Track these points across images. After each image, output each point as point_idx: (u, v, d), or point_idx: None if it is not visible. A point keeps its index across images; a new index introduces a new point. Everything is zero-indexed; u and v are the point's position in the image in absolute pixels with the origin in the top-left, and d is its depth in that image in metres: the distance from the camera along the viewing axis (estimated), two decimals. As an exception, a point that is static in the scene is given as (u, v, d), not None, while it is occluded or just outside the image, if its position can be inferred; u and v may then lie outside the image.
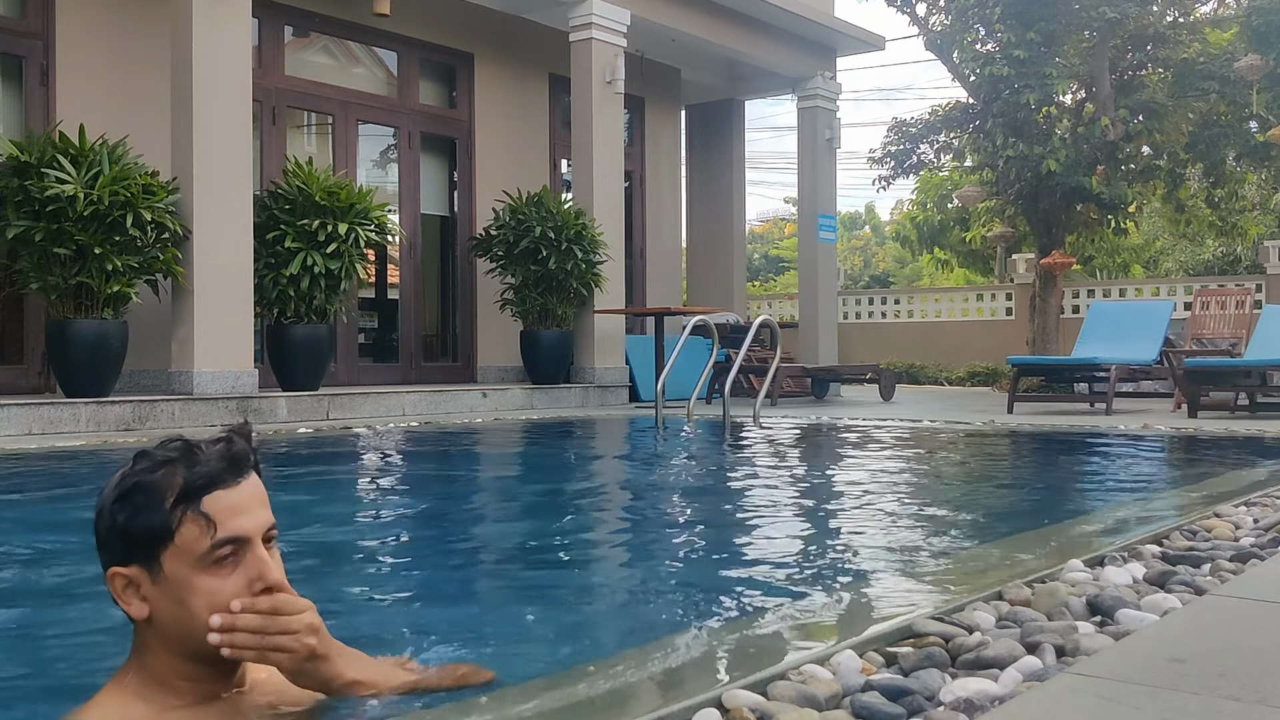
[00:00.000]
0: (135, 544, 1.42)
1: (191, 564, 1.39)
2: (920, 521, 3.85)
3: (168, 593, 1.41)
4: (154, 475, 1.42)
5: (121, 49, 8.57)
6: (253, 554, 1.41)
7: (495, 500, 4.75)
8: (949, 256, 24.12)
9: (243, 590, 1.39)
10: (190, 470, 1.41)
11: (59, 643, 2.20)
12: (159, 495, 1.41)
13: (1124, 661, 1.60)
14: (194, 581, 1.39)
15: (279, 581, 1.41)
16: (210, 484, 1.41)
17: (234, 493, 1.42)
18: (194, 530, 1.39)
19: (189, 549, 1.39)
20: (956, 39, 13.83)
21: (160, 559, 1.40)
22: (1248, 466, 5.08)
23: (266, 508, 1.45)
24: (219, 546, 1.39)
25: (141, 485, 1.42)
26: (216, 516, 1.39)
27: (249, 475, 1.46)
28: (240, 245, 7.74)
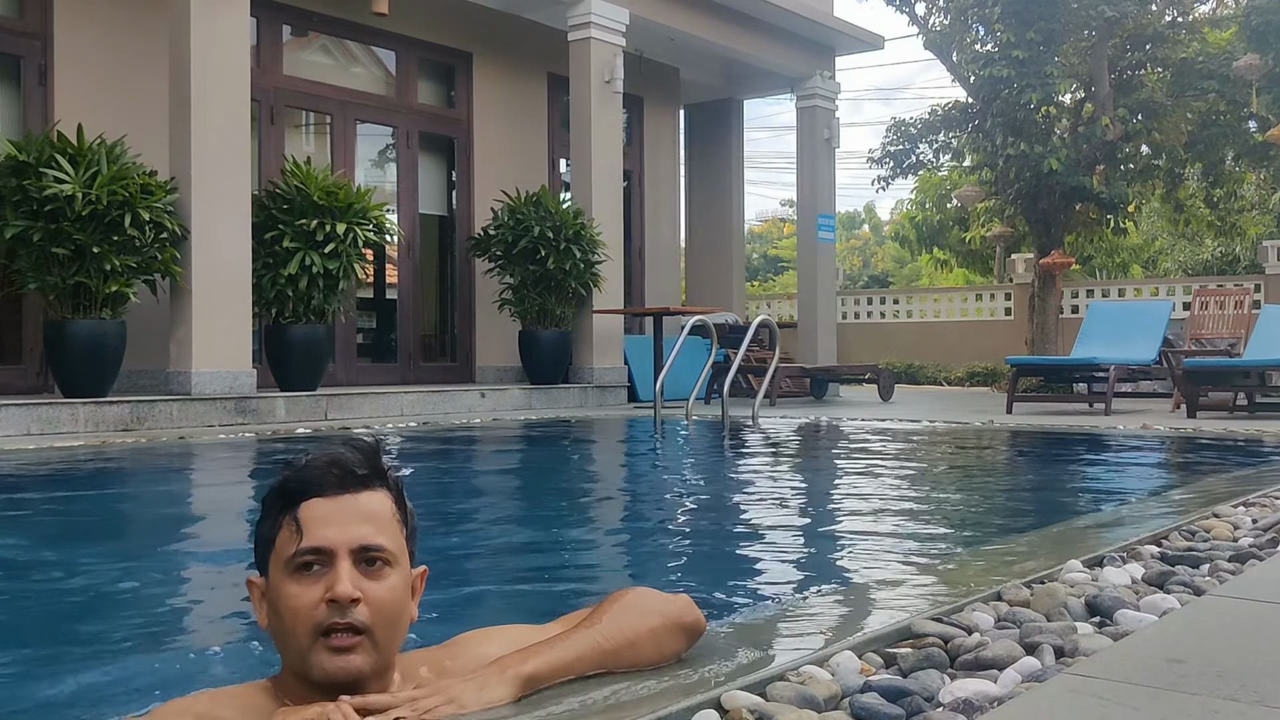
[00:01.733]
0: (257, 549, 1.43)
1: (282, 569, 1.37)
2: (919, 522, 3.85)
3: (271, 600, 1.40)
4: (275, 482, 1.42)
5: (120, 48, 8.57)
6: (335, 566, 1.35)
7: (492, 500, 4.74)
8: (948, 256, 24.13)
9: (318, 600, 1.34)
10: (296, 473, 1.40)
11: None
12: (272, 501, 1.41)
13: (1123, 662, 1.60)
14: (281, 587, 1.37)
15: (344, 594, 1.34)
16: (304, 491, 1.38)
17: (331, 503, 1.38)
18: (287, 536, 1.37)
19: (281, 554, 1.37)
20: (956, 39, 13.84)
21: (267, 564, 1.40)
22: (1247, 467, 5.08)
23: (371, 525, 1.38)
24: (302, 554, 1.35)
25: (269, 492, 1.42)
26: (306, 524, 1.36)
27: (361, 490, 1.40)
28: (238, 245, 7.73)
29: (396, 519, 1.43)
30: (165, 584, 2.88)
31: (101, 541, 3.52)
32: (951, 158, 16.34)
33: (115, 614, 2.49)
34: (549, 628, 1.62)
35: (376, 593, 1.37)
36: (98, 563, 3.08)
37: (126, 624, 2.39)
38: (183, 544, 3.55)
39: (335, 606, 1.34)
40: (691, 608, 1.65)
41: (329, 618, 1.34)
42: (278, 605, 1.37)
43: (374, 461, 1.43)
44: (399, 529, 1.43)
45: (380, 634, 1.37)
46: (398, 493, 1.45)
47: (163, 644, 2.23)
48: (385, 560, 1.39)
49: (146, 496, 4.73)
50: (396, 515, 1.43)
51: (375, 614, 1.36)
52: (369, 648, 1.36)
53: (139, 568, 3.05)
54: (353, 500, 1.39)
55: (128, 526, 3.98)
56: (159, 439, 6.33)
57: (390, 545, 1.39)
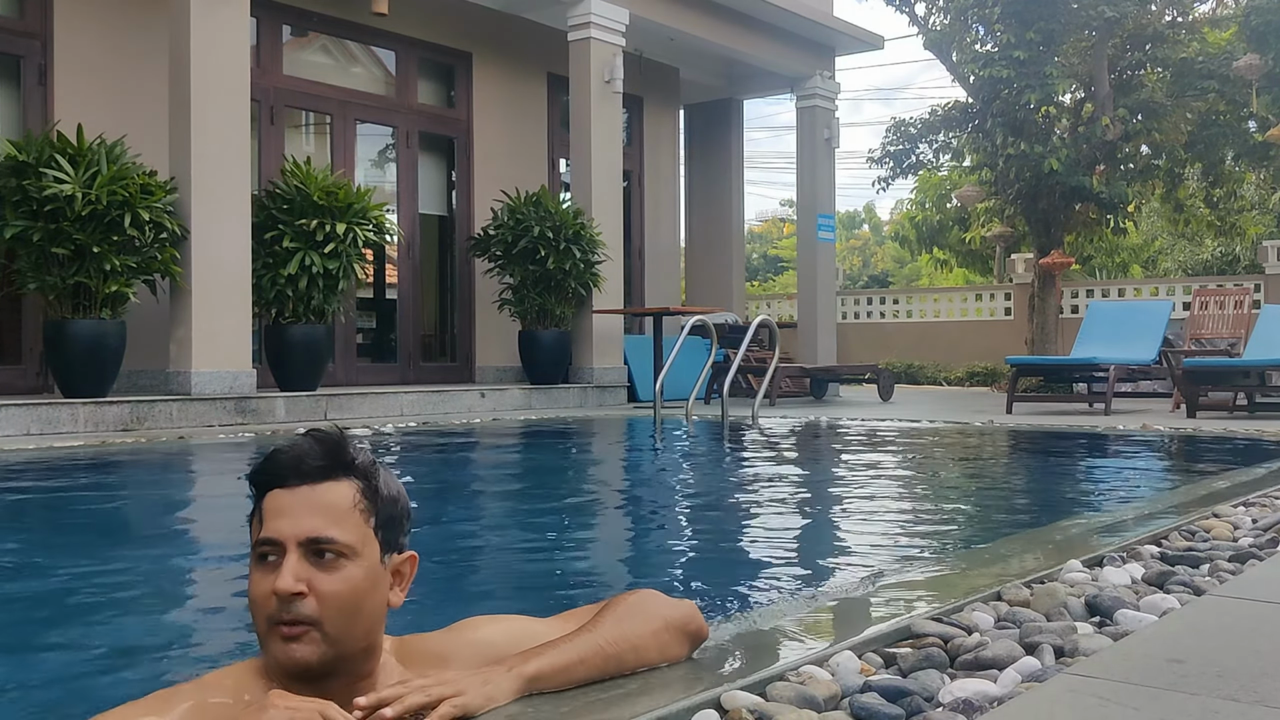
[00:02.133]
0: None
1: (252, 558, 1.41)
2: (918, 521, 3.85)
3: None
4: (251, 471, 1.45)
5: (120, 48, 8.57)
6: (286, 558, 1.36)
7: (491, 501, 4.74)
8: (948, 256, 24.13)
9: (269, 591, 1.36)
10: (261, 467, 1.42)
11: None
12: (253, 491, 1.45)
13: (1123, 662, 1.60)
14: (250, 575, 1.41)
15: (282, 589, 1.34)
16: (269, 482, 1.41)
17: (289, 495, 1.39)
18: (255, 525, 1.41)
19: (252, 543, 1.41)
20: (955, 39, 13.83)
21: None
22: (1246, 467, 5.08)
23: (324, 517, 1.38)
24: (259, 545, 1.39)
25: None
26: (265, 515, 1.39)
27: (321, 481, 1.40)
28: (238, 245, 7.73)
29: (360, 509, 1.41)
30: (163, 583, 2.88)
31: (100, 541, 3.52)
32: (951, 158, 16.34)
33: (115, 612, 2.48)
34: (551, 622, 1.62)
35: (326, 585, 1.36)
36: (97, 562, 3.08)
37: (126, 622, 2.39)
38: (181, 543, 3.55)
39: (280, 599, 1.35)
40: (696, 614, 1.66)
41: (277, 610, 1.35)
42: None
43: (335, 453, 1.42)
44: (362, 519, 1.41)
45: (331, 625, 1.36)
46: (367, 483, 1.43)
47: (160, 642, 2.23)
48: (338, 552, 1.38)
49: (145, 496, 4.73)
50: (361, 505, 1.41)
51: (324, 606, 1.36)
52: (317, 639, 1.36)
53: (138, 567, 3.05)
54: (310, 492, 1.39)
55: (127, 526, 3.98)
56: (159, 439, 6.33)
57: (344, 537, 1.38)
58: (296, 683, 1.38)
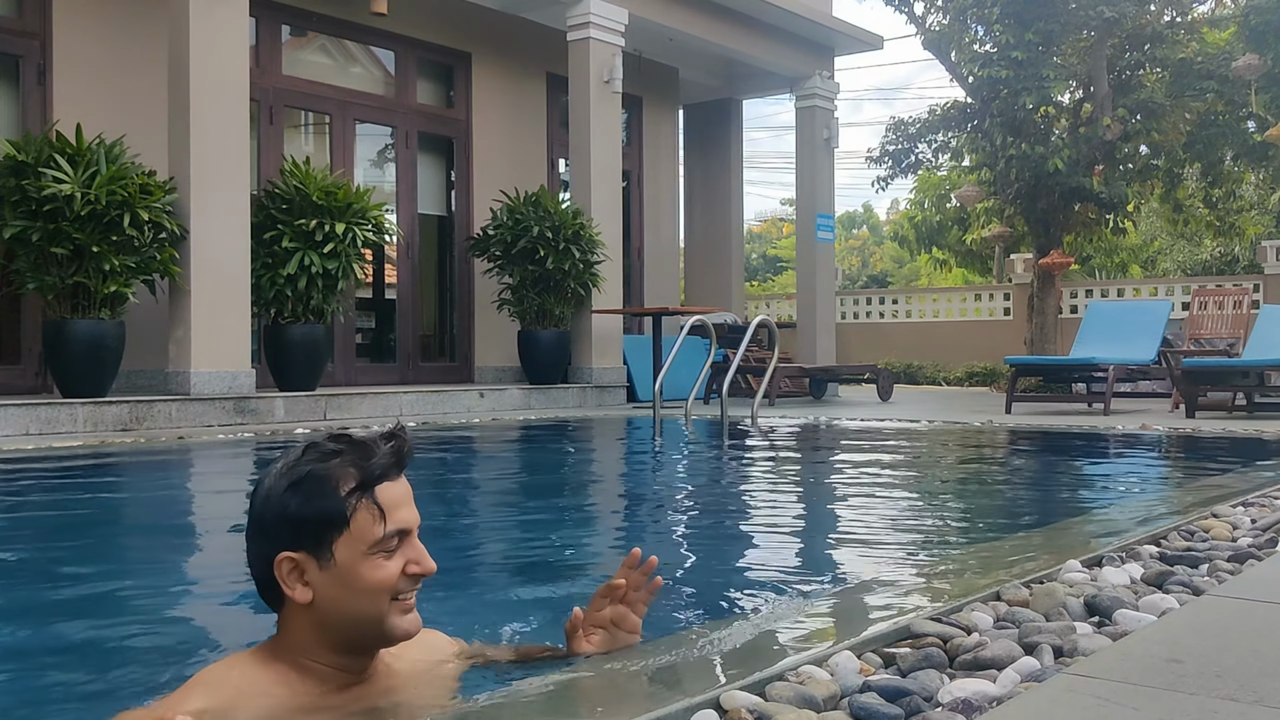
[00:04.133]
0: (306, 530, 1.49)
1: (363, 550, 1.48)
2: (918, 521, 3.85)
3: (336, 578, 1.49)
4: (328, 465, 1.51)
5: (119, 48, 8.56)
6: (411, 543, 1.52)
7: (491, 501, 4.74)
8: (947, 256, 24.13)
9: (399, 572, 1.50)
10: (368, 462, 1.51)
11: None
12: (333, 484, 1.49)
13: (1122, 662, 1.60)
14: (361, 565, 1.48)
15: (432, 569, 1.53)
16: (383, 476, 1.51)
17: (398, 486, 1.53)
18: (368, 519, 1.49)
19: (363, 536, 1.48)
20: (954, 39, 13.83)
21: (332, 545, 1.49)
22: (1245, 466, 5.08)
23: (414, 502, 1.56)
24: (390, 537, 1.50)
25: (316, 474, 1.50)
26: (387, 508, 1.50)
27: (404, 472, 1.57)
28: (237, 245, 7.73)
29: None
30: (161, 582, 2.88)
31: (96, 541, 3.52)
32: (951, 157, 16.33)
33: (110, 612, 2.48)
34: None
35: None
36: (93, 561, 3.08)
37: (120, 621, 2.39)
38: (178, 542, 3.55)
39: (415, 579, 1.53)
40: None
41: (408, 586, 1.53)
42: (354, 582, 1.49)
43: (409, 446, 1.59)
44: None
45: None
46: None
47: (161, 640, 2.23)
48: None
49: (144, 496, 4.73)
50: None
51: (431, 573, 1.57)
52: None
53: (134, 566, 3.04)
54: (406, 483, 1.56)
55: (125, 525, 3.98)
56: (158, 439, 6.32)
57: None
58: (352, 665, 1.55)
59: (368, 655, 1.57)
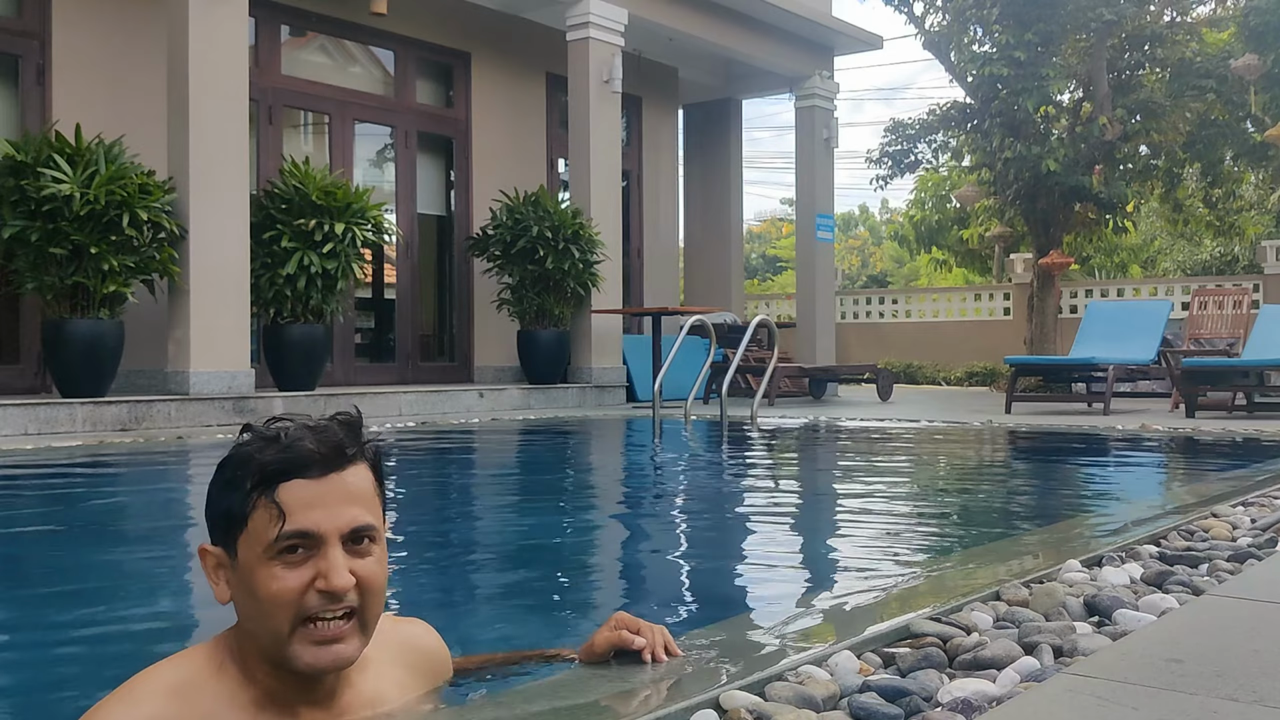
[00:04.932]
0: (217, 522, 1.36)
1: (259, 553, 1.30)
2: (917, 521, 3.85)
3: (240, 580, 1.33)
4: (246, 451, 1.34)
5: (118, 48, 8.56)
6: (326, 554, 1.30)
7: (490, 501, 4.74)
8: (947, 256, 24.12)
9: (302, 588, 1.29)
10: (279, 453, 1.32)
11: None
12: (241, 475, 1.33)
13: (1122, 662, 1.59)
14: (257, 571, 1.30)
15: (341, 587, 1.29)
16: (287, 471, 1.31)
17: (318, 485, 1.31)
18: (264, 518, 1.30)
19: (258, 537, 1.30)
20: (954, 39, 13.83)
21: (236, 543, 1.33)
22: (1245, 466, 5.08)
23: (359, 504, 1.33)
24: (286, 539, 1.29)
25: (232, 461, 1.35)
26: (288, 507, 1.29)
27: (346, 468, 1.34)
28: (237, 245, 7.73)
29: (376, 489, 1.38)
30: (161, 582, 2.87)
31: (95, 539, 3.51)
32: (950, 157, 16.33)
33: (105, 612, 2.48)
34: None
35: (366, 571, 1.33)
36: (90, 560, 3.08)
37: (116, 622, 2.39)
38: (177, 540, 3.55)
39: (327, 596, 1.29)
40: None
41: (319, 605, 1.30)
42: (252, 588, 1.30)
43: (359, 435, 1.38)
44: (379, 500, 1.39)
45: (369, 612, 1.34)
46: (375, 462, 1.40)
47: (158, 641, 2.23)
48: (371, 537, 1.34)
49: (142, 495, 4.73)
50: (375, 486, 1.39)
51: (364, 592, 1.32)
52: (357, 631, 1.33)
53: (133, 565, 3.04)
54: (339, 480, 1.33)
55: (124, 524, 3.97)
56: (157, 439, 6.32)
57: (375, 521, 1.35)
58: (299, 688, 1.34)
59: (314, 678, 1.34)
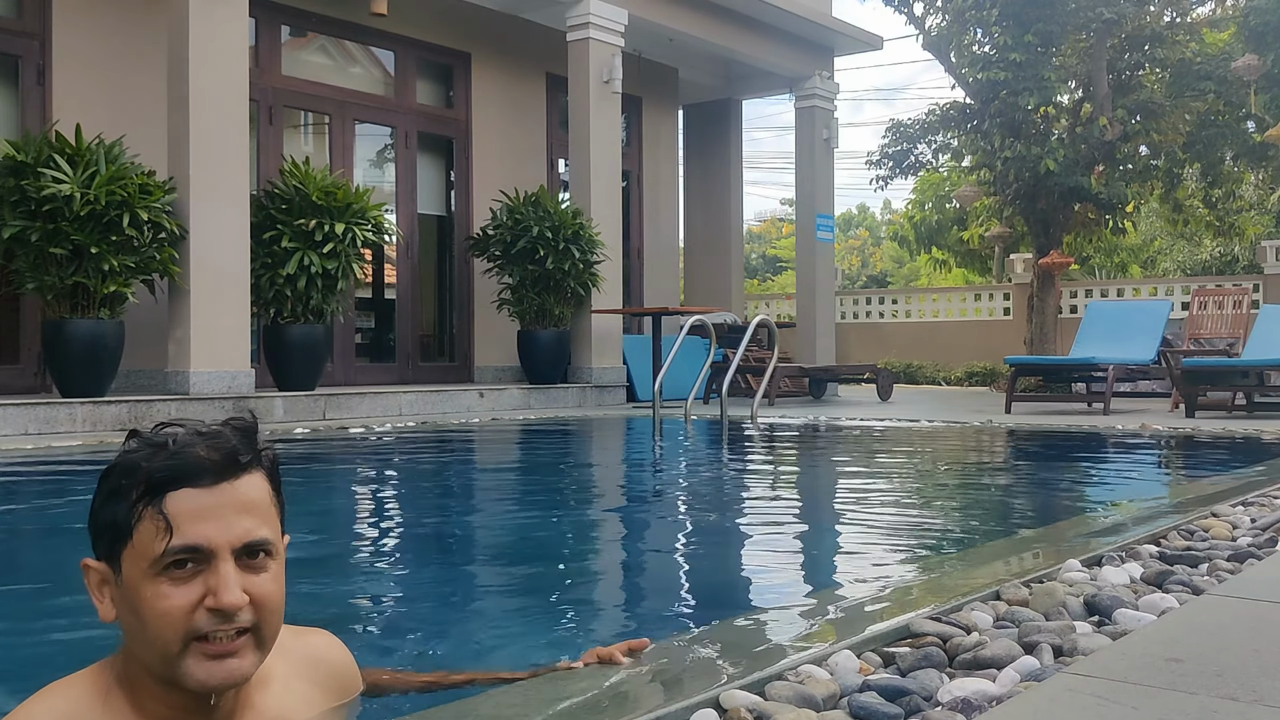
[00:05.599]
0: (101, 536, 1.25)
1: (144, 568, 1.21)
2: (917, 521, 3.85)
3: (124, 597, 1.24)
4: (132, 459, 1.24)
5: (118, 48, 8.56)
6: (217, 569, 1.21)
7: (490, 501, 4.74)
8: (947, 256, 24.12)
9: (190, 606, 1.20)
10: (165, 461, 1.22)
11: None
12: (126, 485, 1.23)
13: (1121, 661, 1.59)
14: (142, 588, 1.21)
15: (232, 605, 1.21)
16: (175, 480, 1.22)
17: (207, 495, 1.22)
18: (150, 530, 1.21)
19: (143, 551, 1.21)
20: (954, 40, 13.83)
21: (120, 558, 1.23)
22: (1245, 466, 5.08)
23: (253, 516, 1.25)
24: (173, 553, 1.20)
25: (116, 469, 1.25)
26: (176, 519, 1.20)
27: (239, 476, 1.25)
28: (237, 245, 7.73)
29: (273, 500, 1.30)
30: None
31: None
32: (950, 158, 16.33)
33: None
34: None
35: (261, 588, 1.25)
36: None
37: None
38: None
39: (218, 614, 1.21)
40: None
41: (210, 624, 1.22)
42: (136, 606, 1.22)
43: (254, 442, 1.29)
44: (276, 511, 1.31)
45: (266, 629, 1.26)
46: (272, 470, 1.32)
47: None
48: (268, 551, 1.27)
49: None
50: (273, 496, 1.30)
51: (260, 610, 1.25)
52: (253, 647, 1.25)
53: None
54: (231, 489, 1.24)
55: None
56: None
57: (272, 534, 1.28)
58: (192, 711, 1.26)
59: (207, 700, 1.26)
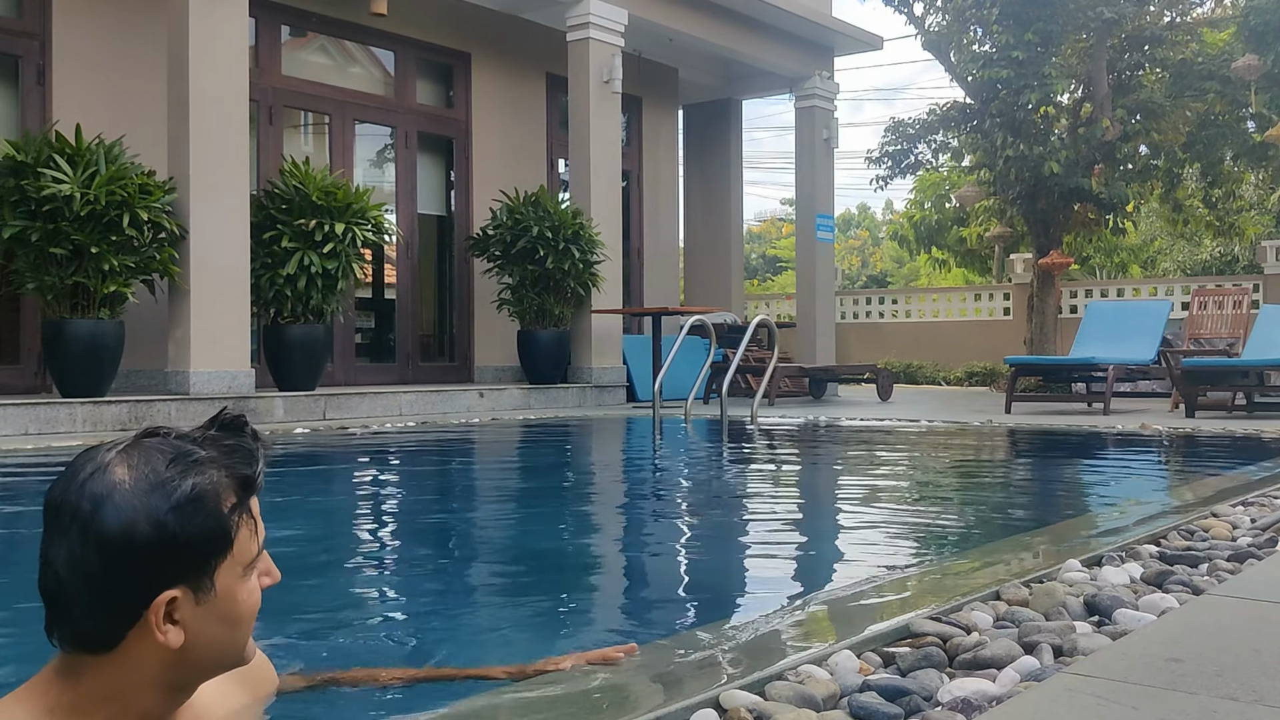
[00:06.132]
0: (192, 559, 1.22)
1: (239, 573, 1.26)
2: (917, 521, 3.85)
3: (214, 610, 1.24)
4: (207, 478, 1.24)
5: (118, 48, 8.56)
6: (260, 553, 1.30)
7: (490, 501, 4.74)
8: (947, 256, 24.12)
9: (259, 599, 1.29)
10: (251, 467, 1.28)
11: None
12: (218, 500, 1.23)
13: (1121, 661, 1.59)
14: (238, 592, 1.26)
15: (279, 577, 1.32)
16: (257, 486, 1.29)
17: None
18: (246, 535, 1.26)
19: (242, 556, 1.25)
20: (954, 40, 13.83)
21: (215, 573, 1.23)
22: (1245, 466, 5.08)
23: None
24: (261, 549, 1.28)
25: (201, 490, 1.22)
26: (257, 517, 1.28)
27: None
28: (237, 245, 7.73)
29: None
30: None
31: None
32: (950, 157, 16.33)
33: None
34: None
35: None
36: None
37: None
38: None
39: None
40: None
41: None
42: (230, 613, 1.25)
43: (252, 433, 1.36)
44: None
45: None
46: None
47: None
48: None
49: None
50: None
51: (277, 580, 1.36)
52: None
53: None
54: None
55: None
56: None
57: None
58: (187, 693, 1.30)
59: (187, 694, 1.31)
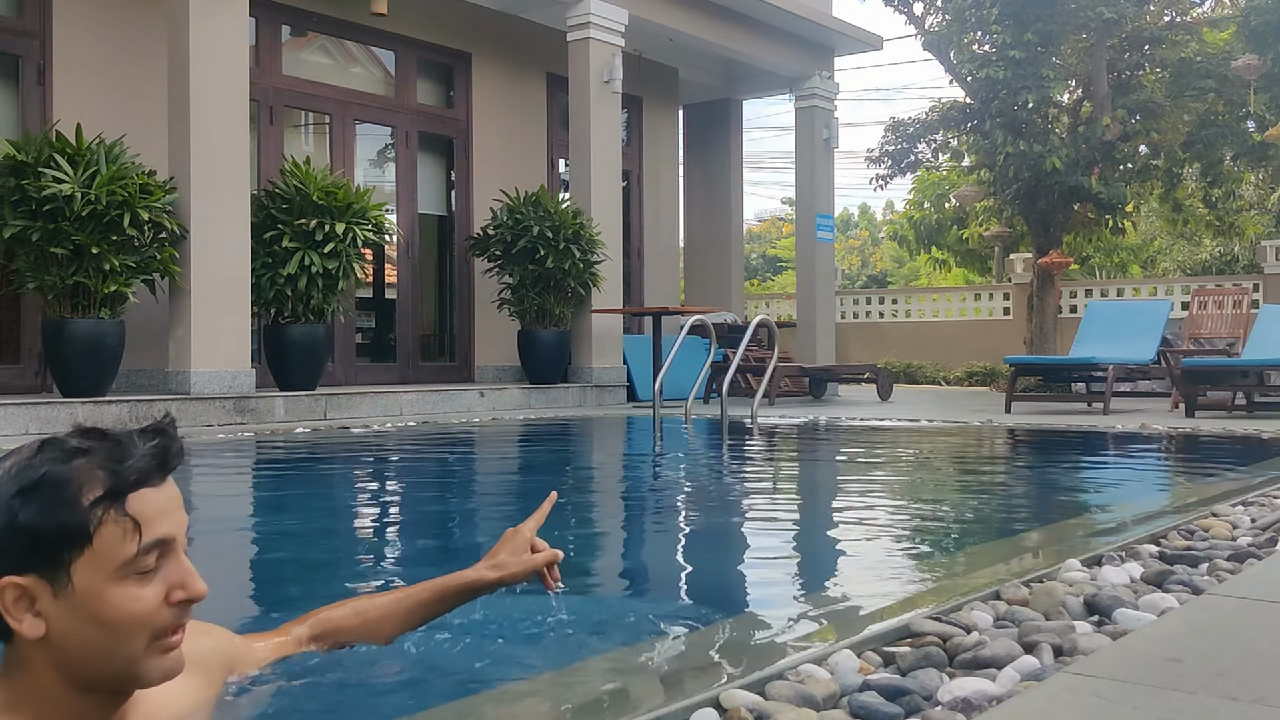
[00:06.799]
0: (38, 548, 1.19)
1: (109, 573, 1.20)
2: (917, 521, 3.85)
3: (76, 607, 1.21)
4: (67, 467, 1.21)
5: (119, 48, 8.56)
6: (175, 560, 1.25)
7: (490, 500, 4.74)
8: (946, 256, 24.12)
9: (160, 603, 1.23)
10: (121, 465, 1.22)
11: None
12: (74, 491, 1.20)
13: (1121, 661, 1.60)
14: (109, 593, 1.20)
15: (203, 593, 1.26)
16: (140, 481, 1.23)
17: (160, 492, 1.25)
18: (116, 534, 1.20)
19: (109, 556, 1.20)
20: (954, 40, 13.83)
21: (70, 567, 1.20)
22: (1245, 466, 5.08)
23: (183, 509, 1.29)
24: (145, 552, 1.22)
25: (51, 477, 1.20)
26: (142, 518, 1.22)
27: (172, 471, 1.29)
28: (238, 245, 7.73)
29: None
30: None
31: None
32: (950, 157, 16.33)
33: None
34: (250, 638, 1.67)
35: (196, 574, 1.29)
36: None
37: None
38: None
39: (185, 606, 1.25)
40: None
41: (175, 618, 1.25)
42: (99, 614, 1.21)
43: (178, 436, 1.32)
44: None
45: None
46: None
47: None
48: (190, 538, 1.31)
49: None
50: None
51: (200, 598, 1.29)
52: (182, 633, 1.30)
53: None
54: (172, 486, 1.28)
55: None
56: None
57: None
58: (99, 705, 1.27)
59: (125, 696, 1.29)
